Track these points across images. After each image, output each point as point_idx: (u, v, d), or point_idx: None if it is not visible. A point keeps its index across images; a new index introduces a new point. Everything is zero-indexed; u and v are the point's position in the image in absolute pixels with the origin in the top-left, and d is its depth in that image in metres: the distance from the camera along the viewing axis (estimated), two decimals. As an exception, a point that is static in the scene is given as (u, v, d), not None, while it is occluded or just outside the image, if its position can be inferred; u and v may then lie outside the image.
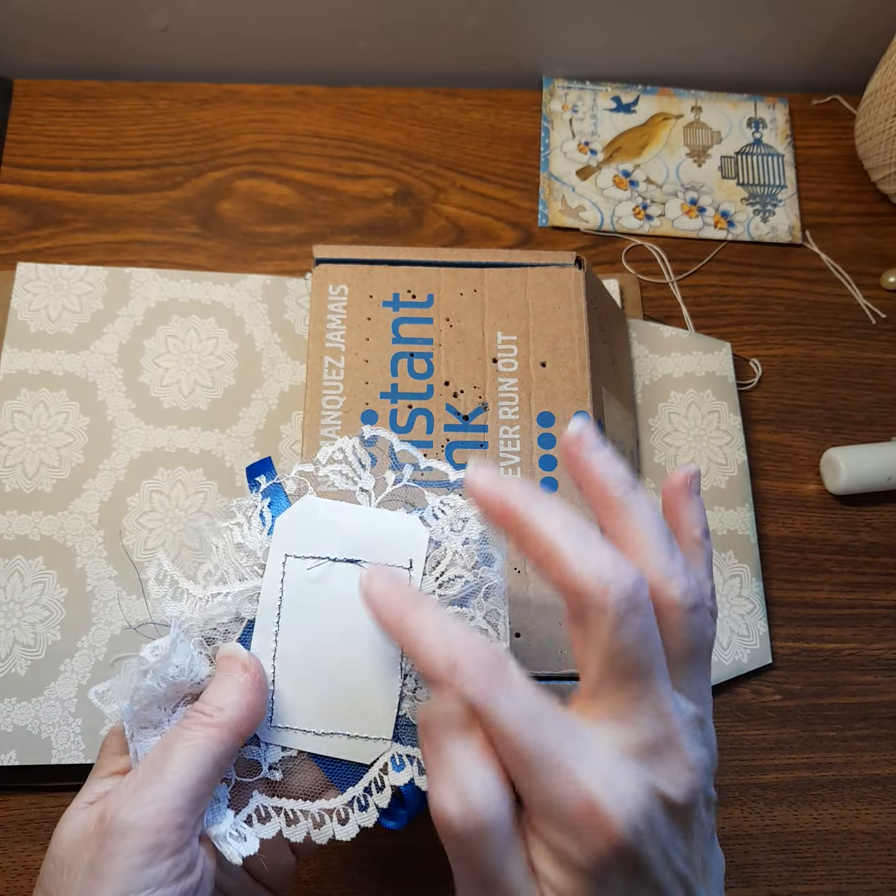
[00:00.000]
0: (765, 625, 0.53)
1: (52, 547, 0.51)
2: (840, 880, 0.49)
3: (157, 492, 0.52)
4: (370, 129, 0.65)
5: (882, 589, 0.55)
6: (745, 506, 0.55)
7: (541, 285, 0.50)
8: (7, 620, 0.49)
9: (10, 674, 0.48)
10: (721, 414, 0.57)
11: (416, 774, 0.33)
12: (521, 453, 0.47)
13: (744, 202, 0.65)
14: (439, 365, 0.49)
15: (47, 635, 0.49)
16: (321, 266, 0.50)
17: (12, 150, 0.62)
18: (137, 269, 0.57)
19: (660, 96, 0.68)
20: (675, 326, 0.59)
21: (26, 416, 0.53)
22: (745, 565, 0.54)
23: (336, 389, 0.48)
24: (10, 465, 0.52)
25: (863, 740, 0.52)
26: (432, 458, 0.41)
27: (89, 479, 0.52)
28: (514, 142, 0.66)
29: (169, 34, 0.65)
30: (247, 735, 0.32)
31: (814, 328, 0.62)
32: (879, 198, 0.66)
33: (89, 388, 0.54)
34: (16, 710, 0.47)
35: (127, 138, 0.63)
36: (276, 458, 0.53)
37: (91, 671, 0.48)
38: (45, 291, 0.56)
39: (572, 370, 0.48)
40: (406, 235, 0.62)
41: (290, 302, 0.57)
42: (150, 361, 0.55)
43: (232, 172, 0.63)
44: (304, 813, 0.33)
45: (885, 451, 0.55)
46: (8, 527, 0.51)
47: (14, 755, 0.46)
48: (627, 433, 0.53)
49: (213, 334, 0.56)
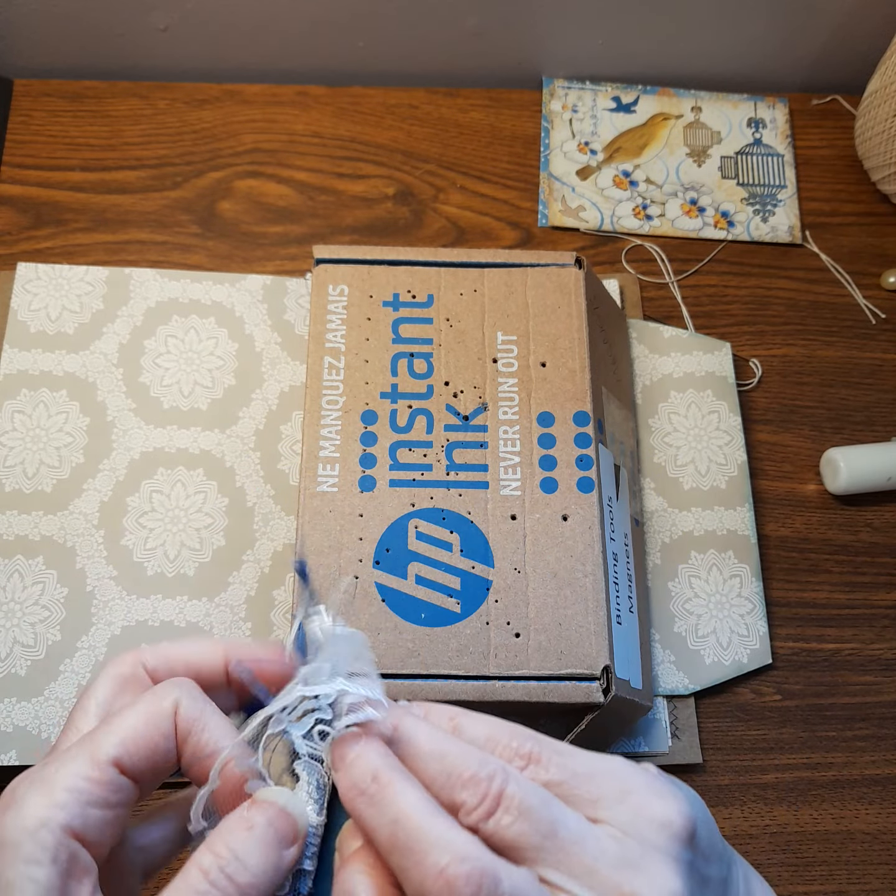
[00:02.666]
0: (765, 625, 0.53)
1: (52, 547, 0.50)
2: (840, 880, 0.49)
3: (157, 492, 0.52)
4: (370, 129, 0.65)
5: (882, 589, 0.55)
6: (744, 506, 0.55)
7: (541, 285, 0.50)
8: (7, 620, 0.49)
9: (10, 674, 0.48)
10: (721, 414, 0.57)
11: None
12: (521, 453, 0.47)
13: (744, 202, 0.65)
14: (439, 365, 0.48)
15: (47, 635, 0.49)
16: (321, 266, 0.50)
17: (12, 150, 0.62)
18: (137, 269, 0.57)
19: (660, 96, 0.68)
20: (675, 326, 0.59)
21: (26, 416, 0.53)
22: (744, 565, 0.54)
23: (336, 389, 0.48)
24: (10, 465, 0.52)
25: (863, 740, 0.52)
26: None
27: (89, 479, 0.52)
28: (514, 142, 0.66)
29: (169, 34, 0.65)
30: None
31: (814, 328, 0.62)
32: (879, 198, 0.66)
33: (89, 388, 0.54)
34: (16, 710, 0.47)
35: (127, 138, 0.63)
36: (276, 457, 0.53)
37: (91, 671, 0.48)
38: (46, 291, 0.56)
39: (572, 370, 0.48)
40: (406, 235, 0.62)
41: (290, 302, 0.57)
42: (150, 361, 0.55)
43: (232, 172, 0.63)
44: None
45: (884, 452, 0.55)
46: (8, 527, 0.51)
47: (14, 755, 0.46)
48: (627, 433, 0.53)
49: (213, 334, 0.56)
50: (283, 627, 0.50)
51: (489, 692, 0.42)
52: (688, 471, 0.55)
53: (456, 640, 0.43)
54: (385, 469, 0.46)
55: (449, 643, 0.43)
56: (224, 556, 0.51)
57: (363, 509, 0.45)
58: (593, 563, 0.44)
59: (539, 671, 0.43)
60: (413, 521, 0.45)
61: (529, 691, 0.42)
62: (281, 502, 0.52)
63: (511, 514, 0.45)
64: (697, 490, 0.55)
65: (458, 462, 0.46)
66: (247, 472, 0.53)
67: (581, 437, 0.47)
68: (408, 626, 0.43)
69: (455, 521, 0.45)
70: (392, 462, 0.46)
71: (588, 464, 0.47)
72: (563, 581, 0.44)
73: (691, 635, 0.52)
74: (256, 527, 0.52)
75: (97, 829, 0.25)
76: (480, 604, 0.44)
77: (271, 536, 0.52)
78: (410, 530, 0.45)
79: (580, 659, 0.43)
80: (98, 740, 0.26)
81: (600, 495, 0.46)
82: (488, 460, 0.47)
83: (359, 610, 0.43)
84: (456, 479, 0.46)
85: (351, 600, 0.40)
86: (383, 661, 0.42)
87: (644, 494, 0.55)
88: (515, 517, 0.45)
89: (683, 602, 0.52)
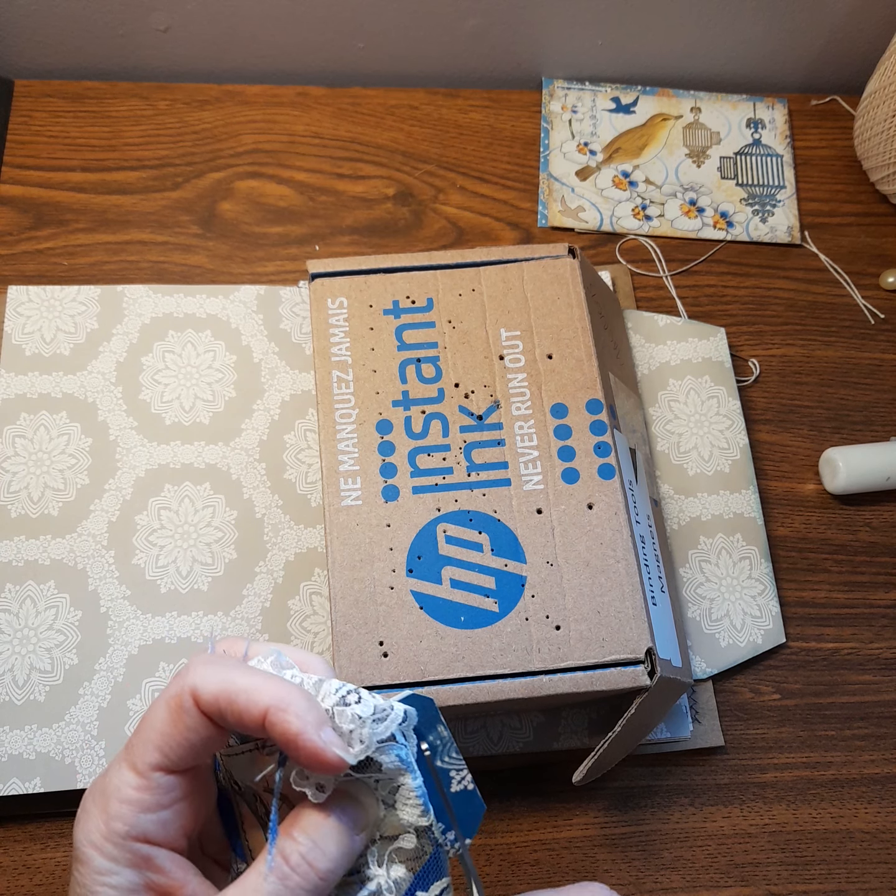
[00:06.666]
0: (776, 605, 0.53)
1: (62, 570, 0.50)
2: (839, 879, 0.49)
3: (165, 508, 0.52)
4: (370, 129, 0.66)
5: (881, 588, 0.55)
6: (749, 488, 0.55)
7: (538, 278, 0.50)
8: (23, 647, 0.48)
9: (29, 700, 0.47)
10: (720, 399, 0.57)
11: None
12: (539, 447, 0.47)
13: (743, 202, 0.65)
14: (447, 367, 0.49)
15: (64, 659, 0.48)
16: (318, 281, 0.50)
17: (13, 151, 0.62)
18: (130, 286, 0.57)
19: (659, 97, 0.69)
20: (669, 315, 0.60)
21: (27, 441, 0.53)
22: (753, 547, 0.54)
23: (347, 402, 0.48)
24: (14, 491, 0.52)
25: (861, 739, 0.52)
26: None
27: (96, 499, 0.52)
28: (514, 142, 0.66)
29: (170, 35, 0.66)
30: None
31: (812, 328, 0.62)
32: (878, 198, 0.66)
33: (89, 408, 0.54)
34: (37, 737, 0.47)
35: (127, 139, 0.64)
36: (281, 467, 0.53)
37: (111, 693, 0.48)
38: (38, 314, 0.56)
39: (579, 359, 0.49)
40: (406, 236, 0.62)
41: (285, 311, 0.57)
42: (148, 378, 0.55)
43: (232, 173, 0.63)
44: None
45: (883, 451, 0.55)
46: (17, 553, 0.50)
47: (38, 782, 0.46)
48: (639, 421, 0.54)
49: (210, 347, 0.56)
50: (299, 637, 0.50)
51: (537, 687, 0.42)
52: (691, 457, 0.56)
53: (498, 640, 0.43)
54: (407, 477, 0.46)
55: (491, 643, 0.43)
56: (237, 569, 0.51)
57: (390, 519, 0.45)
58: (623, 548, 0.45)
59: (583, 661, 0.43)
60: (441, 525, 0.45)
61: (577, 682, 0.42)
62: (290, 512, 0.52)
63: (537, 508, 0.46)
64: (702, 475, 0.56)
65: (478, 462, 0.47)
66: (253, 484, 0.53)
67: (596, 424, 0.47)
68: (449, 631, 0.43)
69: (482, 522, 0.45)
70: (413, 469, 0.46)
71: (606, 450, 0.47)
72: (597, 569, 0.44)
73: (705, 620, 0.52)
74: (267, 538, 0.52)
75: (159, 829, 0.27)
76: (517, 600, 0.44)
77: (282, 547, 0.52)
78: (439, 535, 0.45)
79: (623, 644, 0.43)
80: (136, 749, 0.27)
81: (622, 480, 0.47)
82: (507, 457, 0.47)
83: (398, 619, 0.43)
84: (478, 480, 0.46)
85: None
86: (428, 669, 0.42)
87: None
88: (541, 511, 0.46)
89: (695, 587, 0.53)
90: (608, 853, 0.49)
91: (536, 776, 0.50)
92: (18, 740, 0.47)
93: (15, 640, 0.48)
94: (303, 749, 0.25)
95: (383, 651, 0.43)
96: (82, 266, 0.59)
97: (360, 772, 0.27)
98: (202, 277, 0.60)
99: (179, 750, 0.27)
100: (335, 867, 0.26)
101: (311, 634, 0.50)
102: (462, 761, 0.28)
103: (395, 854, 0.28)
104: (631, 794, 0.50)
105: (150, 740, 0.27)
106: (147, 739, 0.27)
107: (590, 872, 0.49)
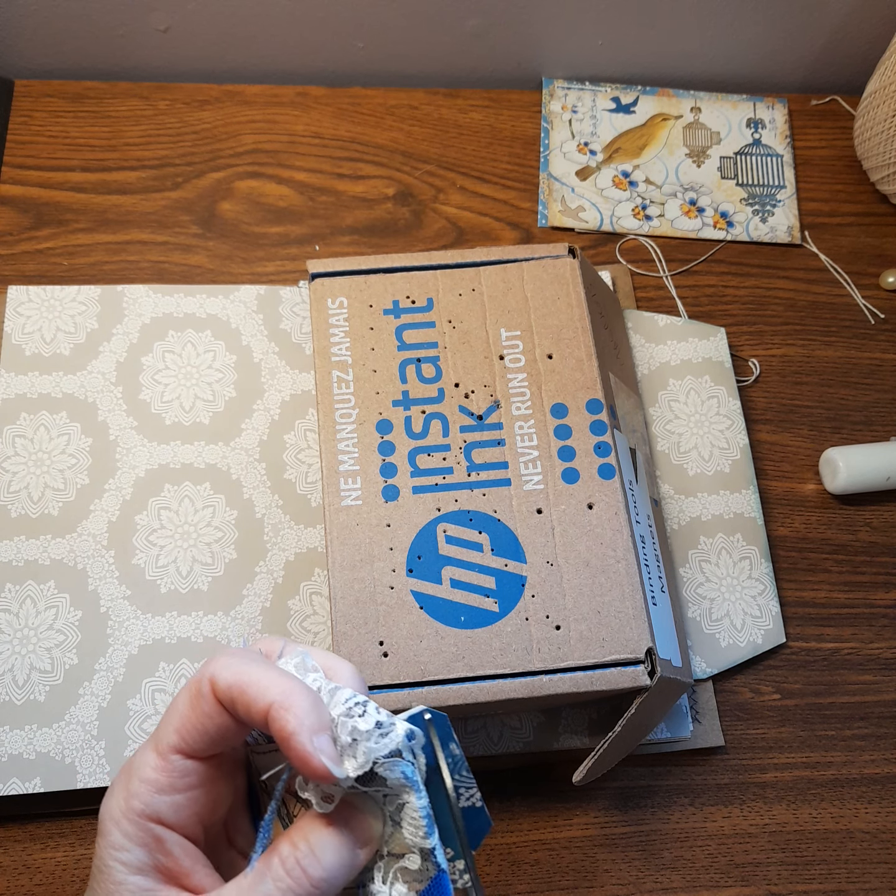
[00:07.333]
0: (776, 605, 0.53)
1: (62, 570, 0.50)
2: (839, 879, 0.49)
3: (165, 508, 0.52)
4: (370, 129, 0.66)
5: (881, 588, 0.55)
6: (749, 488, 0.55)
7: (538, 278, 0.50)
8: (23, 647, 0.48)
9: (29, 700, 0.47)
10: (720, 399, 0.57)
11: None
12: (539, 447, 0.47)
13: (743, 202, 0.65)
14: (447, 367, 0.49)
15: (64, 659, 0.48)
16: (318, 281, 0.50)
17: (13, 151, 0.62)
18: (130, 286, 0.57)
19: (659, 97, 0.69)
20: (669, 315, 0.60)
21: (27, 440, 0.53)
22: (753, 547, 0.54)
23: (348, 402, 0.48)
24: (14, 491, 0.52)
25: (862, 739, 0.52)
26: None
27: (96, 499, 0.52)
28: (514, 142, 0.66)
29: (170, 35, 0.66)
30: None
31: (813, 328, 0.62)
32: (878, 198, 0.66)
33: (89, 408, 0.54)
34: (38, 737, 0.47)
35: (127, 139, 0.64)
36: (281, 467, 0.53)
37: (111, 693, 0.48)
38: (38, 313, 0.56)
39: (579, 359, 0.49)
40: (406, 236, 0.62)
41: (285, 311, 0.57)
42: (148, 378, 0.55)
43: (232, 173, 0.63)
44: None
45: (883, 451, 0.55)
46: (17, 552, 0.50)
47: (38, 782, 0.46)
48: (639, 421, 0.54)
49: (210, 347, 0.56)
50: (299, 637, 0.50)
51: (537, 687, 0.42)
52: (691, 457, 0.56)
53: (498, 640, 0.43)
54: (407, 476, 0.46)
55: (491, 643, 0.43)
56: (237, 569, 0.51)
57: (390, 519, 0.45)
58: (623, 548, 0.45)
59: (583, 661, 0.43)
60: (441, 525, 0.45)
61: (577, 682, 0.42)
62: (290, 512, 0.52)
63: (537, 508, 0.46)
64: (702, 475, 0.56)
65: (478, 462, 0.47)
66: (253, 484, 0.53)
67: (596, 424, 0.47)
68: (449, 631, 0.43)
69: (482, 521, 0.45)
70: (413, 469, 0.46)
71: (606, 450, 0.47)
72: (597, 569, 0.44)
73: (705, 619, 0.52)
74: (267, 538, 0.52)
75: (171, 812, 0.27)
76: (517, 600, 0.44)
77: (282, 546, 0.52)
78: (439, 535, 0.45)
79: (623, 644, 0.43)
80: (160, 731, 0.28)
81: (622, 480, 0.47)
82: (507, 457, 0.47)
83: (398, 619, 0.43)
84: (478, 480, 0.46)
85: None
86: (428, 668, 0.42)
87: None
88: (541, 511, 0.46)
89: (696, 587, 0.53)
90: (608, 853, 0.49)
91: (536, 776, 0.50)
92: (18, 740, 0.47)
93: (15, 640, 0.48)
94: (293, 750, 0.25)
95: (383, 651, 0.43)
96: (82, 266, 0.59)
97: (366, 785, 0.27)
98: (202, 277, 0.60)
99: (195, 734, 0.27)
100: (329, 877, 0.26)
101: (311, 634, 0.50)
102: (472, 779, 0.28)
103: (399, 873, 0.28)
104: (631, 794, 0.50)
105: (171, 723, 0.28)
106: (169, 722, 0.28)
107: (590, 872, 0.49)
